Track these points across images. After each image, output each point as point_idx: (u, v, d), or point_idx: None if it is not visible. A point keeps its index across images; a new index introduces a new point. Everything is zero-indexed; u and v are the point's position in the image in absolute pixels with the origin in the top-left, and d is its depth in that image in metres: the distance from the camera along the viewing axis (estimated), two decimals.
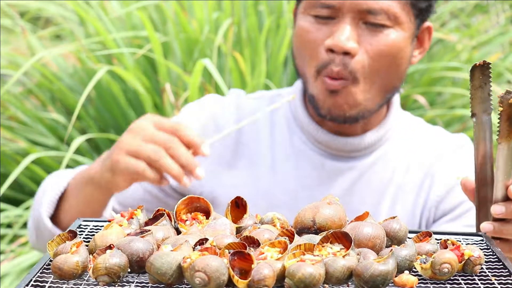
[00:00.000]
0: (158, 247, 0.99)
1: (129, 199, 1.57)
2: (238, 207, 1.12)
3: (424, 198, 1.55)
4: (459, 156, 1.58)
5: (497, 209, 1.18)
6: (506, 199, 1.19)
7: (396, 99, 1.58)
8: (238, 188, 1.54)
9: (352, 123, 1.50)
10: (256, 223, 1.10)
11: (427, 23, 1.53)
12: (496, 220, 1.20)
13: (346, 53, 1.44)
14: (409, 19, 1.47)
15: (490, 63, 1.18)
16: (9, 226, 2.45)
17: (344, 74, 1.44)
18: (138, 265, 0.97)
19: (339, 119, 1.49)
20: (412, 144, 1.58)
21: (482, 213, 1.23)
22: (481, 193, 1.22)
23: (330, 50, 1.44)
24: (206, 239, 0.99)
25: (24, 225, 2.46)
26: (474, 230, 1.53)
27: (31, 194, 2.54)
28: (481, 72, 1.18)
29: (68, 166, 2.43)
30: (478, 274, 1.02)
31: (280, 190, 1.54)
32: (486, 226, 1.20)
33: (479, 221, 1.24)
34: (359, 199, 1.53)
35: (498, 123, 1.15)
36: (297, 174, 1.54)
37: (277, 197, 1.53)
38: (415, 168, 1.56)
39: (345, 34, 1.43)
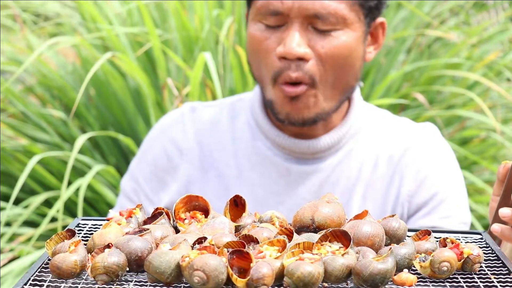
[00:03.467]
0: (157, 246, 0.99)
1: None
2: (237, 205, 1.12)
3: (395, 194, 1.54)
4: (427, 148, 1.57)
5: (504, 212, 1.17)
6: None
7: (357, 94, 1.57)
8: (211, 202, 1.55)
9: (310, 125, 1.50)
10: (255, 222, 1.10)
11: (380, 19, 1.53)
12: None
13: (300, 59, 1.43)
14: (358, 19, 1.46)
15: None
16: (8, 224, 2.44)
17: (303, 78, 1.44)
18: (136, 264, 0.97)
19: (297, 123, 1.48)
20: (379, 138, 1.57)
21: (505, 202, 1.21)
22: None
23: (283, 58, 1.44)
24: (205, 238, 0.99)
25: (24, 224, 2.46)
26: (450, 221, 1.54)
27: (31, 192, 2.53)
28: None
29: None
30: (477, 273, 1.02)
31: (249, 198, 1.53)
32: (505, 211, 1.17)
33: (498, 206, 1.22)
34: None
35: None
36: (264, 182, 1.54)
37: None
38: (383, 163, 1.55)
39: (296, 40, 1.43)
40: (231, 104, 1.60)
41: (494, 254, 1.09)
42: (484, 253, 1.09)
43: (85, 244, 1.01)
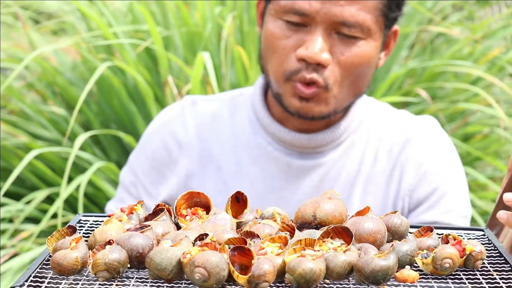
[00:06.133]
0: (158, 243, 0.99)
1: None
2: (239, 202, 1.12)
3: (395, 188, 1.54)
4: (427, 141, 1.56)
5: (508, 197, 1.16)
6: None
7: None
8: (210, 197, 1.54)
9: (319, 120, 1.49)
10: (256, 218, 1.10)
11: (394, 27, 1.52)
12: None
13: (319, 64, 1.43)
14: (379, 29, 1.46)
15: None
16: (10, 221, 2.44)
17: (318, 80, 1.43)
18: (137, 260, 0.97)
19: (307, 118, 1.48)
20: (378, 131, 1.57)
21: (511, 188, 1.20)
22: None
23: (302, 60, 1.43)
24: (206, 234, 0.98)
25: (25, 220, 2.46)
26: (451, 215, 1.53)
27: (32, 188, 2.53)
28: None
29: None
30: (479, 269, 1.02)
31: (248, 194, 1.52)
32: (509, 196, 1.13)
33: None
34: None
35: None
36: (264, 176, 1.54)
37: None
38: (383, 157, 1.55)
39: (318, 46, 1.42)
40: (231, 99, 1.60)
41: (497, 251, 1.09)
42: (487, 249, 1.09)
43: (86, 241, 1.01)
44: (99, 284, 0.94)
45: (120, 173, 1.66)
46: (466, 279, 0.99)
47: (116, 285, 0.94)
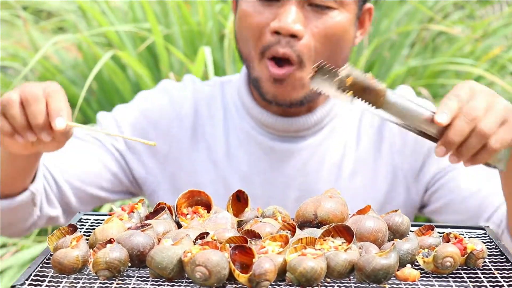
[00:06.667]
0: (159, 241, 0.99)
1: (84, 173, 1.53)
2: (240, 200, 1.12)
3: (385, 160, 1.54)
4: None
5: (439, 152, 1.16)
6: (442, 132, 1.16)
7: None
8: (198, 174, 1.55)
9: (298, 106, 1.50)
10: (257, 217, 1.10)
11: (368, 5, 1.53)
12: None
13: (293, 36, 1.43)
14: (352, 1, 1.47)
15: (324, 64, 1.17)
16: None
17: (291, 56, 1.44)
18: (138, 259, 0.97)
19: (285, 105, 1.48)
20: (358, 112, 1.57)
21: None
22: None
23: (276, 33, 1.43)
24: (207, 233, 0.98)
25: None
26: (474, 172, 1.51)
27: None
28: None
29: None
30: (481, 268, 1.02)
31: (236, 176, 1.54)
32: (440, 151, 1.16)
33: None
34: (314, 178, 1.53)
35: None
36: (249, 159, 1.55)
37: (234, 183, 1.54)
38: (365, 134, 1.56)
39: (291, 17, 1.42)
40: (222, 84, 1.62)
41: (498, 249, 1.08)
42: (488, 248, 1.09)
43: (87, 240, 1.01)
44: (100, 283, 0.94)
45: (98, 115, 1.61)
46: (468, 277, 0.99)
47: (117, 284, 0.94)
